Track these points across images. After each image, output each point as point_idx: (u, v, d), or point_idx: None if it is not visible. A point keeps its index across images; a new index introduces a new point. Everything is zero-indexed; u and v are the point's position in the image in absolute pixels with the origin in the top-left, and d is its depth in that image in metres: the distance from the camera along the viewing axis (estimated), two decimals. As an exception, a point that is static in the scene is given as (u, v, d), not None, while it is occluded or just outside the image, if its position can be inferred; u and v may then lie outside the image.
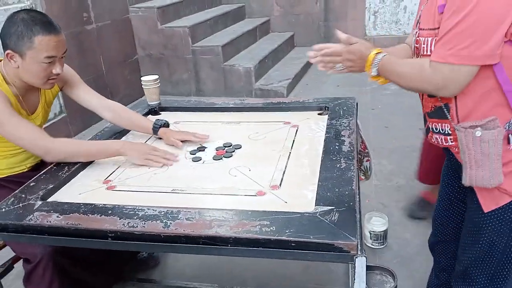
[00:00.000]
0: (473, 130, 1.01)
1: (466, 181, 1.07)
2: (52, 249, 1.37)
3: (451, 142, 1.12)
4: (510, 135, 1.03)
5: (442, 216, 1.41)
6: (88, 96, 1.66)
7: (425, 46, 1.05)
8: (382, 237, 1.96)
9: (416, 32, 1.11)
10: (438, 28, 1.00)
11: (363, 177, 2.19)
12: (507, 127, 1.03)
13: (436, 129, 1.15)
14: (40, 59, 1.37)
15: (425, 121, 1.20)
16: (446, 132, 1.12)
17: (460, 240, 1.26)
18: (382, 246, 1.99)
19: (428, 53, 1.04)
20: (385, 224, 1.97)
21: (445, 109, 1.09)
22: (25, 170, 1.60)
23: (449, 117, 1.09)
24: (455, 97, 1.05)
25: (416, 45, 1.12)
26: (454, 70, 0.98)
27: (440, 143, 1.16)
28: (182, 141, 1.51)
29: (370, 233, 1.97)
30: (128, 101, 4.28)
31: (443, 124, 1.12)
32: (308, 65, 4.95)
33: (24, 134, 1.37)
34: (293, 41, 5.44)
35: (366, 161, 2.05)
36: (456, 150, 1.12)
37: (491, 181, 1.04)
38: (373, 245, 1.98)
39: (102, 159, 1.43)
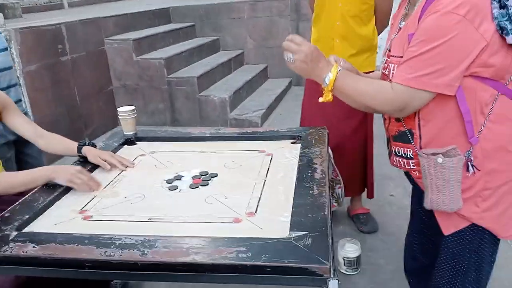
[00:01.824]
0: (435, 157, 1.07)
1: (427, 204, 1.13)
2: (12, 279, 1.34)
3: (413, 166, 1.18)
4: (469, 163, 1.09)
5: (414, 243, 1.46)
6: (24, 125, 1.72)
7: (393, 72, 1.11)
8: (355, 263, 2.01)
9: (385, 60, 1.17)
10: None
11: (335, 204, 2.25)
12: (466, 155, 1.09)
13: (399, 152, 1.21)
14: None
15: (388, 143, 1.26)
16: (408, 156, 1.18)
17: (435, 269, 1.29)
18: (356, 272, 2.02)
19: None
20: (358, 250, 2.01)
21: (409, 135, 1.15)
22: None
23: (412, 142, 1.15)
24: (419, 124, 1.11)
25: (383, 71, 1.19)
26: (412, 94, 1.05)
27: (402, 166, 1.22)
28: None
29: (344, 260, 2.01)
30: (102, 131, 4.27)
31: (406, 149, 1.18)
32: (281, 96, 5.08)
33: None
34: (266, 73, 5.59)
35: (338, 188, 2.12)
36: (417, 174, 1.18)
37: (450, 206, 1.10)
38: (347, 272, 2.02)
39: (37, 185, 1.44)
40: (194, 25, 5.66)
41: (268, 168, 1.54)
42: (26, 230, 1.20)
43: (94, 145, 1.69)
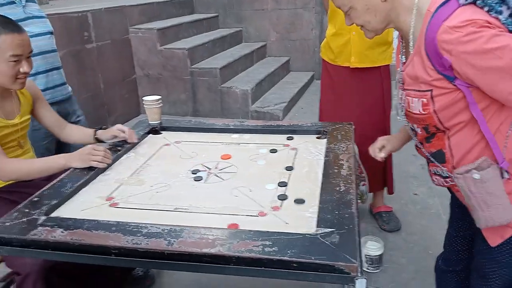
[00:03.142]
0: (470, 174, 1.02)
1: (481, 224, 1.07)
2: (42, 263, 1.37)
3: (451, 182, 1.13)
4: (502, 170, 1.04)
5: (452, 245, 1.42)
6: (50, 116, 1.77)
7: (413, 105, 1.08)
8: (377, 261, 1.98)
9: (402, 91, 1.14)
10: (429, 90, 1.02)
11: (359, 201, 2.22)
12: (500, 161, 1.04)
13: (436, 171, 1.17)
14: (6, 58, 1.42)
15: (427, 164, 1.23)
16: (445, 175, 1.14)
17: (471, 274, 1.25)
18: (378, 271, 2.00)
19: (419, 112, 1.07)
20: (381, 248, 1.99)
21: (440, 155, 1.11)
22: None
23: (445, 162, 1.11)
24: (449, 144, 1.08)
25: (403, 103, 1.14)
26: None
27: (442, 184, 1.18)
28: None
29: (366, 257, 1.98)
30: (124, 119, 4.31)
31: (441, 168, 1.13)
32: (303, 89, 5.04)
33: None
34: (288, 66, 5.55)
35: (362, 185, 2.09)
36: (457, 189, 1.12)
37: (505, 217, 1.04)
38: (369, 269, 2.00)
39: (50, 174, 1.49)
40: (218, 16, 5.64)
41: (293, 163, 1.53)
42: (53, 215, 1.22)
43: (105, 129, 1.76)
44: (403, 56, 1.17)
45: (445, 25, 0.93)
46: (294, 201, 1.25)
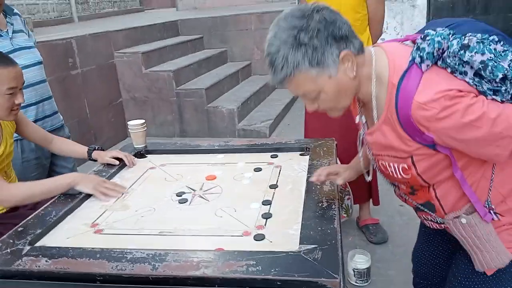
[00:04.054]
0: (458, 220, 1.04)
1: (479, 267, 1.07)
2: None
3: (444, 226, 1.13)
4: (491, 212, 1.04)
5: (424, 258, 1.42)
6: (34, 132, 1.79)
7: (391, 169, 1.06)
8: (365, 274, 1.99)
9: (373, 155, 1.12)
10: (409, 157, 0.99)
11: (345, 215, 2.25)
12: (487, 206, 1.04)
13: (427, 218, 1.16)
14: (2, 91, 1.45)
15: (415, 211, 1.21)
16: (437, 221, 1.14)
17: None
18: (366, 284, 2.01)
19: (399, 176, 1.05)
20: (368, 261, 2.00)
21: (429, 206, 1.10)
22: (3, 211, 1.60)
23: (436, 211, 1.10)
24: (436, 196, 1.06)
25: (380, 167, 1.12)
26: None
27: (434, 227, 1.17)
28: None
29: (354, 271, 2.00)
30: (111, 143, 4.31)
31: (432, 215, 1.13)
32: (288, 106, 5.10)
33: None
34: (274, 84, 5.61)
35: (347, 199, 2.12)
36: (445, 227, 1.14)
37: (501, 260, 1.04)
38: (357, 283, 2.01)
39: (59, 193, 1.49)
40: (202, 37, 5.72)
41: (277, 180, 1.55)
42: (38, 244, 1.22)
43: (102, 150, 1.82)
44: (363, 117, 1.13)
45: (417, 102, 0.90)
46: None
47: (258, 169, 1.66)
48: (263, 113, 4.67)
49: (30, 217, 1.35)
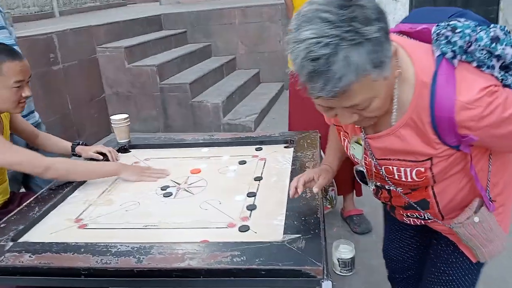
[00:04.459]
0: (470, 220, 1.02)
1: (483, 259, 1.09)
2: None
3: (431, 222, 1.13)
4: (491, 201, 1.04)
5: (396, 254, 1.44)
6: (23, 124, 1.79)
7: (401, 174, 0.99)
8: (350, 264, 2.02)
9: (371, 161, 1.04)
10: (428, 159, 0.94)
11: (329, 206, 2.28)
12: (488, 197, 1.04)
13: (413, 215, 1.14)
14: (10, 85, 1.46)
15: (392, 208, 1.19)
16: (427, 218, 1.12)
17: (426, 284, 1.25)
18: (350, 273, 2.04)
19: (410, 180, 0.99)
20: (352, 251, 2.03)
21: (423, 204, 1.07)
22: None
23: (429, 208, 1.08)
24: (434, 194, 1.04)
25: (376, 171, 1.06)
26: None
27: (417, 223, 1.16)
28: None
29: (338, 261, 2.03)
30: (95, 139, 4.26)
31: (422, 213, 1.10)
32: (273, 100, 5.11)
33: (22, 157, 1.46)
34: (258, 78, 5.62)
35: (331, 191, 2.14)
36: (437, 227, 1.14)
37: (503, 245, 1.08)
38: (342, 273, 2.04)
39: (97, 178, 1.56)
40: (186, 32, 5.68)
41: (262, 173, 1.56)
42: (21, 240, 1.21)
43: (86, 145, 1.81)
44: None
45: (461, 102, 0.83)
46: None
47: (242, 162, 1.67)
48: (248, 108, 4.67)
49: (12, 213, 1.34)
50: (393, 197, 1.13)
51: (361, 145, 1.05)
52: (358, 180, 1.15)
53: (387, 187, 1.10)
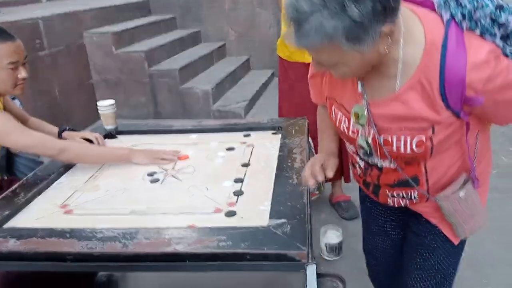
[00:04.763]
0: (456, 195, 1.03)
1: (465, 235, 1.11)
2: (3, 274, 1.35)
3: (415, 202, 1.13)
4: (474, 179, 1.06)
5: (379, 250, 1.44)
6: (15, 108, 1.79)
7: (401, 145, 0.98)
8: (337, 249, 2.05)
9: (368, 131, 1.03)
10: (431, 127, 0.94)
11: (317, 192, 2.30)
12: (473, 173, 1.05)
13: (399, 195, 1.13)
14: (4, 66, 1.46)
15: (376, 189, 1.16)
16: (412, 197, 1.11)
17: (409, 272, 1.27)
18: (338, 258, 2.07)
19: (408, 151, 0.98)
20: (340, 236, 2.06)
21: (413, 181, 1.06)
22: None
23: (418, 186, 1.07)
24: (426, 171, 1.04)
25: (374, 143, 1.04)
26: None
27: (403, 204, 1.15)
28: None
29: (326, 246, 2.05)
30: (83, 125, 4.21)
31: (409, 191, 1.10)
32: (264, 86, 5.10)
33: (36, 140, 1.47)
34: (249, 64, 5.59)
35: (320, 177, 2.15)
36: (413, 204, 1.14)
37: (483, 222, 1.09)
38: (329, 257, 2.07)
39: (109, 162, 1.57)
40: (175, 17, 5.61)
41: (250, 159, 1.56)
42: (7, 225, 1.20)
43: (74, 130, 1.80)
44: (362, 85, 1.00)
45: (473, 62, 0.85)
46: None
47: (231, 149, 1.67)
48: (238, 94, 4.66)
49: (-3, 199, 1.33)
50: (383, 174, 1.10)
51: (360, 115, 1.02)
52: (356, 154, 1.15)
53: (379, 165, 1.08)
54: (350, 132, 1.09)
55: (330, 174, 1.14)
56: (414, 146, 0.97)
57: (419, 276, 1.25)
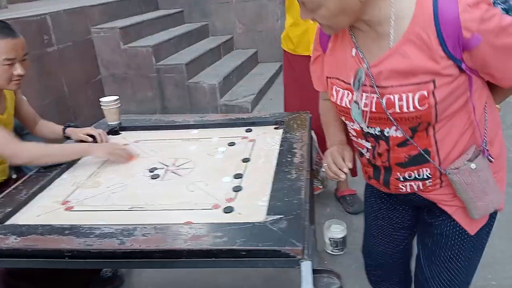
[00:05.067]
0: (467, 167, 1.00)
1: (478, 214, 1.07)
2: (3, 268, 1.38)
3: (429, 184, 1.09)
4: (488, 155, 1.04)
5: (381, 253, 1.40)
6: (27, 109, 1.83)
7: (402, 103, 0.96)
8: (341, 243, 2.04)
9: (369, 93, 1.00)
10: (431, 81, 0.93)
11: (321, 187, 2.29)
12: (483, 146, 1.04)
13: (410, 176, 1.09)
14: (0, 62, 1.47)
15: (386, 175, 1.12)
16: (425, 177, 1.08)
17: (423, 271, 1.24)
18: (342, 252, 2.07)
19: (412, 109, 0.95)
20: (344, 231, 2.05)
21: (425, 155, 1.03)
22: None
23: (431, 160, 1.04)
24: (436, 142, 1.02)
25: (366, 106, 1.02)
26: None
27: (415, 189, 1.11)
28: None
29: (330, 240, 2.05)
30: (92, 121, 4.23)
31: (421, 170, 1.07)
32: (271, 80, 5.07)
33: None
34: (256, 58, 5.57)
35: (323, 171, 2.15)
36: (427, 189, 1.10)
37: (498, 201, 1.06)
38: (333, 252, 2.06)
39: (68, 160, 1.55)
40: (183, 11, 5.61)
41: (250, 154, 1.56)
42: (9, 222, 1.22)
43: (77, 127, 1.81)
44: (360, 50, 1.01)
45: (464, 3, 0.87)
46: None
47: (232, 144, 1.67)
48: (245, 88, 4.64)
49: (0, 195, 1.35)
50: (392, 151, 1.06)
51: (360, 78, 1.01)
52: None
53: (385, 133, 1.04)
54: (351, 105, 1.07)
55: (350, 165, 1.15)
56: (416, 103, 0.95)
57: (433, 270, 1.22)
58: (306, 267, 0.98)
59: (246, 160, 1.51)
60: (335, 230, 2.04)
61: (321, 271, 1.07)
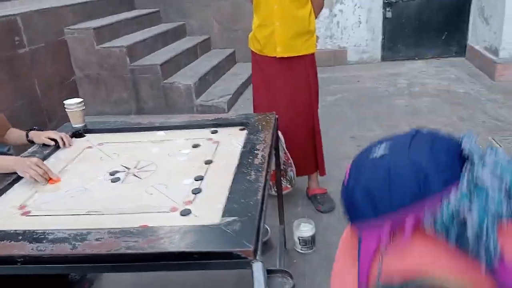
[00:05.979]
0: None
1: None
2: None
3: None
4: None
5: None
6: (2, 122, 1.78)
7: None
8: (310, 242, 2.07)
9: None
10: None
11: (289, 186, 2.31)
12: None
13: None
14: None
15: None
16: None
17: None
18: (311, 251, 2.09)
19: None
20: (313, 229, 2.07)
21: None
22: None
23: None
24: None
25: None
26: None
27: None
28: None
29: (299, 239, 2.07)
30: (66, 123, 4.20)
31: None
32: (249, 80, 5.07)
33: None
34: (234, 57, 5.56)
35: (290, 171, 2.17)
36: None
37: None
38: (302, 250, 2.08)
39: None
40: (159, 11, 5.57)
41: (213, 156, 1.56)
42: (-38, 229, 1.20)
43: (40, 130, 1.77)
44: None
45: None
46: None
47: (196, 145, 1.67)
48: (221, 88, 4.64)
49: (-46, 202, 1.32)
50: None
51: None
52: None
53: None
54: None
55: None
56: None
57: None
58: (257, 268, 0.99)
59: (208, 162, 1.52)
60: (304, 229, 2.06)
61: (274, 271, 1.08)
